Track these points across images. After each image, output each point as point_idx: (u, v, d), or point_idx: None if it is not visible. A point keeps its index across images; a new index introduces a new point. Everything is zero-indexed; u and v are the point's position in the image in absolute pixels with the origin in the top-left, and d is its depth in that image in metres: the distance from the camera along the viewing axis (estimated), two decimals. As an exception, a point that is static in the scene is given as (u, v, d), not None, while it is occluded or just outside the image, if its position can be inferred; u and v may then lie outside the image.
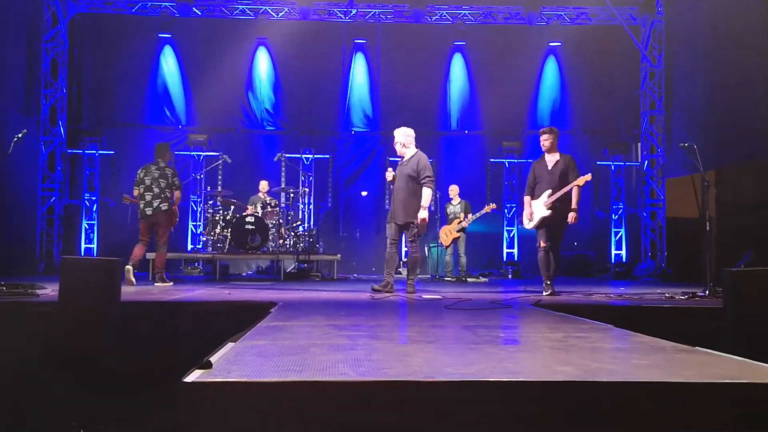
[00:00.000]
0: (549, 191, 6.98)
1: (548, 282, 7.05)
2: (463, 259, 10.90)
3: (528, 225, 7.22)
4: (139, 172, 8.42)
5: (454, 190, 11.22)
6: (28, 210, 12.20)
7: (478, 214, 10.79)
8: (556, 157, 7.10)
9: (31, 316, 5.02)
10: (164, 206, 8.26)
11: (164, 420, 3.76)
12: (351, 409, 2.18)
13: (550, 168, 7.09)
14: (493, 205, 10.82)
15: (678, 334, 3.70)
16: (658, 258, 12.92)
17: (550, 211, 6.94)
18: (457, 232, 10.84)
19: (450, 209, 11.08)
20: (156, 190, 8.24)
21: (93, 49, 13.33)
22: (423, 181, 6.95)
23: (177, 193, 8.41)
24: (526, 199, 7.24)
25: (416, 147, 7.24)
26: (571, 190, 6.87)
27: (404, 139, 7.19)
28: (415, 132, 7.34)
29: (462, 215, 10.90)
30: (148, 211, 8.27)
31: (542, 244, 7.06)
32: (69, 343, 4.54)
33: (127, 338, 4.77)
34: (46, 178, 12.59)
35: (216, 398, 2.15)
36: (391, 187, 7.26)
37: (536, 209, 7.07)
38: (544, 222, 7.01)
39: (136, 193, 8.37)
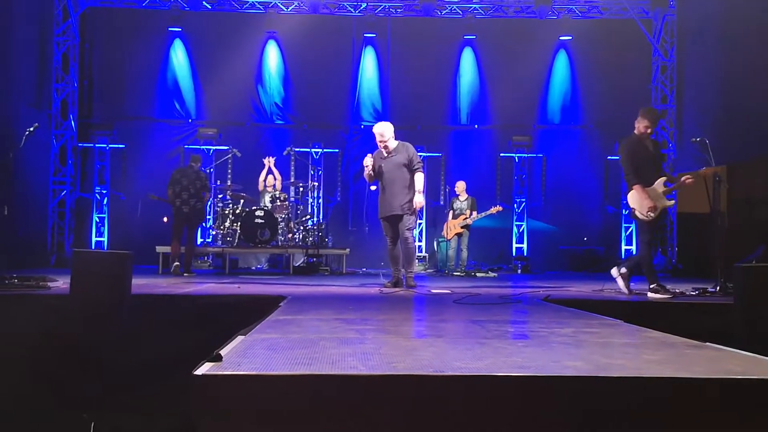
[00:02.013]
0: (663, 178, 6.29)
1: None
2: (464, 254, 11.01)
3: (650, 216, 6.18)
4: (174, 173, 9.38)
5: (460, 185, 11.27)
6: (39, 203, 12.27)
7: (483, 214, 10.90)
8: (650, 140, 6.40)
9: (43, 308, 5.07)
10: (199, 205, 9.27)
11: (175, 412, 3.79)
12: (360, 403, 2.18)
13: (653, 151, 6.37)
14: (499, 208, 10.94)
15: (688, 330, 3.69)
16: (668, 253, 12.85)
17: (672, 200, 6.33)
18: (461, 228, 10.94)
19: (456, 204, 11.13)
20: (192, 190, 9.17)
21: (104, 43, 13.37)
22: (416, 168, 6.92)
23: (208, 195, 9.55)
24: (639, 187, 6.20)
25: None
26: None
27: (391, 132, 7.04)
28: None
29: (468, 211, 10.97)
30: (185, 208, 9.14)
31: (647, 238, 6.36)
32: (80, 335, 4.57)
33: (138, 331, 4.79)
34: (58, 171, 12.66)
35: (226, 391, 2.17)
36: (371, 173, 7.01)
37: (656, 199, 6.20)
38: (661, 213, 6.32)
39: (170, 191, 9.19)
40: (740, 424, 2.19)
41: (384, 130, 7.03)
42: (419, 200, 6.89)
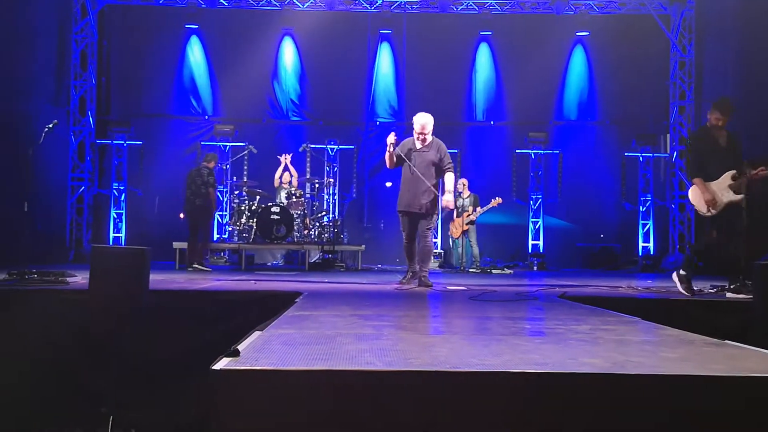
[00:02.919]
0: (732, 172, 5.89)
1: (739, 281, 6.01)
2: (476, 250, 11.16)
3: (709, 212, 5.92)
4: (187, 175, 9.65)
5: (463, 183, 11.35)
6: (58, 199, 12.41)
7: (486, 208, 11.02)
8: (724, 132, 6.03)
9: (62, 303, 5.12)
10: (198, 201, 9.38)
11: (192, 407, 3.82)
12: (377, 399, 2.19)
13: (724, 144, 5.99)
14: (499, 200, 10.98)
15: (707, 328, 3.66)
16: (686, 250, 12.73)
17: (740, 195, 5.86)
18: (466, 225, 11.09)
19: (459, 202, 11.23)
20: (193, 187, 9.40)
21: (121, 40, 13.47)
22: (447, 167, 6.70)
23: (210, 190, 9.49)
24: (698, 180, 5.95)
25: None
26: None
27: (432, 126, 6.78)
28: (440, 122, 7.15)
29: (470, 208, 11.13)
30: (188, 206, 9.45)
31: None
32: (99, 331, 4.61)
33: (156, 326, 4.83)
34: (76, 167, 12.78)
35: (244, 386, 2.18)
36: (399, 154, 6.66)
37: (719, 194, 5.88)
38: (727, 208, 5.90)
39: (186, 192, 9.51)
40: (760, 423, 2.17)
41: (427, 122, 6.74)
42: (450, 199, 6.67)
